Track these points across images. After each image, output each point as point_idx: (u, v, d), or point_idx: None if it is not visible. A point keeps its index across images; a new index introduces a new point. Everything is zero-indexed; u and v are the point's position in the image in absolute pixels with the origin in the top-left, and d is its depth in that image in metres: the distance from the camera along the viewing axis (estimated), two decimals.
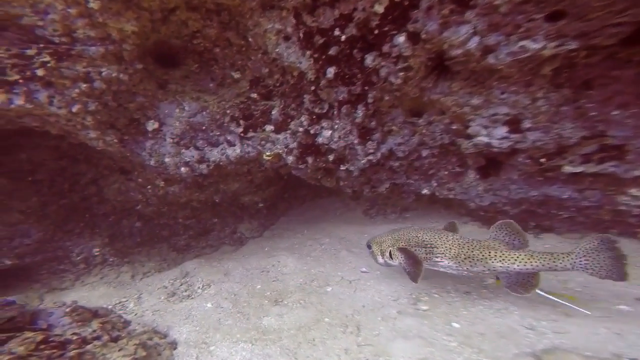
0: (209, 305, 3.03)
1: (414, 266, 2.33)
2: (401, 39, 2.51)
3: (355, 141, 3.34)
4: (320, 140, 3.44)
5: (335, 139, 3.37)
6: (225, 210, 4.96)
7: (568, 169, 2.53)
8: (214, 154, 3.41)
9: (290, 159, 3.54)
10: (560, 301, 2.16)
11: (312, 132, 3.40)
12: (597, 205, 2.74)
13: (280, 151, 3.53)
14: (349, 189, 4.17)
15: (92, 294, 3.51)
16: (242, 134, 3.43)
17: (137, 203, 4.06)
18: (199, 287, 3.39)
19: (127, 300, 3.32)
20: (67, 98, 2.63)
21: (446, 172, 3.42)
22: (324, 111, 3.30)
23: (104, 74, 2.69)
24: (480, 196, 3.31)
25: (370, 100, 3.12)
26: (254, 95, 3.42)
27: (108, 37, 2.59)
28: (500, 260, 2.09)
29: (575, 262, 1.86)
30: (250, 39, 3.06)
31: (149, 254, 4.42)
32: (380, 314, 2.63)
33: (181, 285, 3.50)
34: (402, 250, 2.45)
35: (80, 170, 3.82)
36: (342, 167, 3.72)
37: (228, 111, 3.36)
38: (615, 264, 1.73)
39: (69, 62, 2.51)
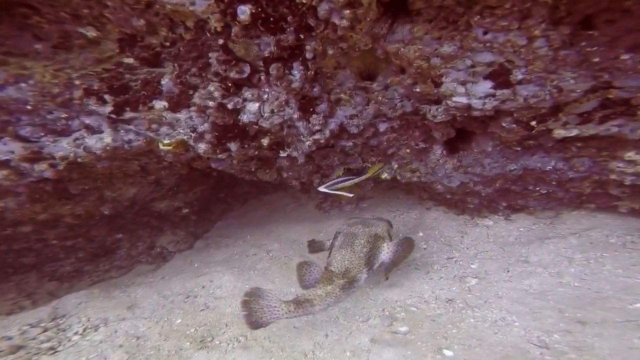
0: None
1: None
2: None
3: (295, 115, 2.42)
4: (245, 118, 2.43)
5: (266, 114, 2.40)
6: (132, 222, 3.82)
7: (560, 133, 2.06)
8: (63, 147, 2.13)
9: (202, 147, 2.46)
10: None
11: (230, 106, 2.36)
12: (583, 177, 2.41)
13: (185, 137, 2.42)
14: (296, 181, 3.31)
15: None
16: (112, 115, 2.20)
17: None
18: (76, 332, 2.34)
19: None
20: None
21: (408, 150, 2.79)
22: (245, 75, 2.28)
23: None
24: (448, 176, 2.77)
25: (309, 56, 2.21)
26: (130, 61, 2.20)
27: None
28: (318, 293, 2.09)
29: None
30: None
31: None
32: (349, 346, 2.00)
33: (43, 332, 2.38)
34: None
35: None
36: (283, 154, 2.80)
37: (77, 82, 2.08)
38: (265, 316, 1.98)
39: None
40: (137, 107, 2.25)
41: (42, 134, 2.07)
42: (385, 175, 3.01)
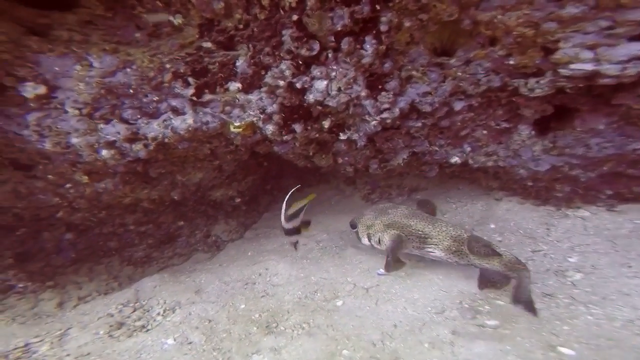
0: (170, 341, 2.18)
1: (395, 262, 2.41)
2: None
3: (363, 93, 2.33)
4: (311, 97, 2.39)
5: (333, 92, 2.33)
6: (193, 209, 4.00)
7: None
8: (154, 128, 2.28)
9: (270, 128, 2.48)
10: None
11: (298, 85, 2.35)
12: None
13: (255, 119, 2.46)
14: (350, 167, 3.21)
15: None
16: (194, 97, 2.31)
17: (55, 209, 2.89)
18: (158, 313, 2.51)
19: (38, 341, 2.32)
20: None
21: (485, 132, 2.52)
22: (314, 53, 2.24)
23: None
24: (536, 159, 2.45)
25: (383, 28, 2.09)
26: (208, 45, 2.31)
27: None
28: (478, 258, 2.17)
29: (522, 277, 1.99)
30: None
31: (92, 272, 3.46)
32: (425, 337, 1.85)
33: (134, 311, 2.59)
34: (393, 242, 2.48)
35: None
36: (343, 136, 2.72)
37: (168, 66, 2.23)
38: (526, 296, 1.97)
39: None
40: (215, 89, 2.34)
41: (139, 116, 2.25)
42: (455, 160, 2.77)
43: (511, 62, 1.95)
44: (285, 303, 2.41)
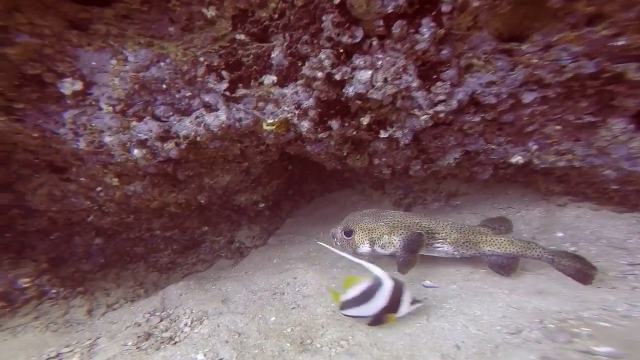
0: (200, 356, 2.02)
1: (411, 257, 2.29)
2: None
3: (414, 84, 2.04)
4: (350, 90, 2.14)
5: (378, 84, 2.06)
6: (217, 214, 3.89)
7: None
8: (186, 125, 2.13)
9: (306, 125, 2.26)
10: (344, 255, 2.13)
11: (338, 77, 2.11)
12: None
13: (289, 115, 2.24)
14: (387, 169, 2.92)
15: (10, 344, 2.38)
16: (227, 92, 2.15)
17: (86, 212, 2.85)
18: (186, 324, 2.37)
19: (69, 352, 2.24)
20: None
21: (559, 127, 2.13)
22: (357, 40, 2.00)
23: None
24: (631, 158, 2.02)
25: (445, 9, 1.80)
26: (242, 37, 2.15)
27: None
28: (489, 245, 2.22)
29: (542, 255, 2.09)
30: None
31: (119, 278, 3.39)
32: None
33: (161, 321, 2.47)
34: (406, 239, 2.35)
35: None
36: (383, 134, 2.44)
37: (201, 59, 2.09)
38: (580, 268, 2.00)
39: None
40: (249, 83, 2.17)
41: (171, 113, 2.13)
42: (516, 159, 2.39)
43: (619, 43, 1.58)
44: (319, 316, 2.18)
